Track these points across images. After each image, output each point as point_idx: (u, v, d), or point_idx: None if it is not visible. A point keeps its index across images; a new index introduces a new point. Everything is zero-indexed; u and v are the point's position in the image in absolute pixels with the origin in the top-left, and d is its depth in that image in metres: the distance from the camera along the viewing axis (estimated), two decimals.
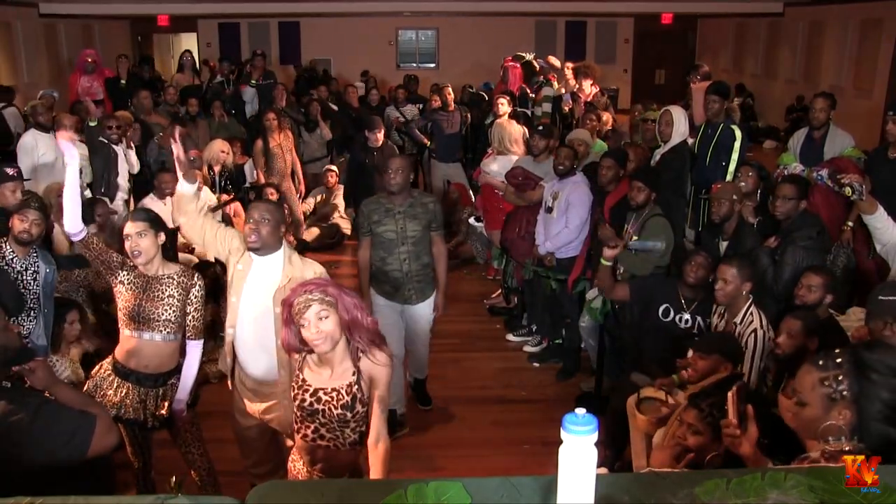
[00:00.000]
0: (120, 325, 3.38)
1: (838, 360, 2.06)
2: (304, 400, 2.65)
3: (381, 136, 7.08)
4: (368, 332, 2.61)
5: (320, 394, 2.62)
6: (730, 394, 2.37)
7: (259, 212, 3.30)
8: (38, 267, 3.86)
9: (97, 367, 3.48)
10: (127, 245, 3.26)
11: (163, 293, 3.30)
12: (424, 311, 4.60)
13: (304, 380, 2.67)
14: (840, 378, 2.03)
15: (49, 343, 3.86)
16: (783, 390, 2.26)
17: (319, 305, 2.51)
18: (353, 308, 2.56)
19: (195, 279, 3.40)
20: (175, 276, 3.35)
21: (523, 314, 6.18)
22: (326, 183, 8.54)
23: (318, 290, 2.55)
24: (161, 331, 3.32)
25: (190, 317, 3.38)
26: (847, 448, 1.99)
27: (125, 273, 3.33)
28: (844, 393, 2.01)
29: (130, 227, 3.25)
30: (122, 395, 3.32)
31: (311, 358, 2.67)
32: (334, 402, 2.61)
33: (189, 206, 3.42)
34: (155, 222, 3.33)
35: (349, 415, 2.62)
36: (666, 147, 5.30)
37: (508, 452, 4.41)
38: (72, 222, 3.37)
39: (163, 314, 3.30)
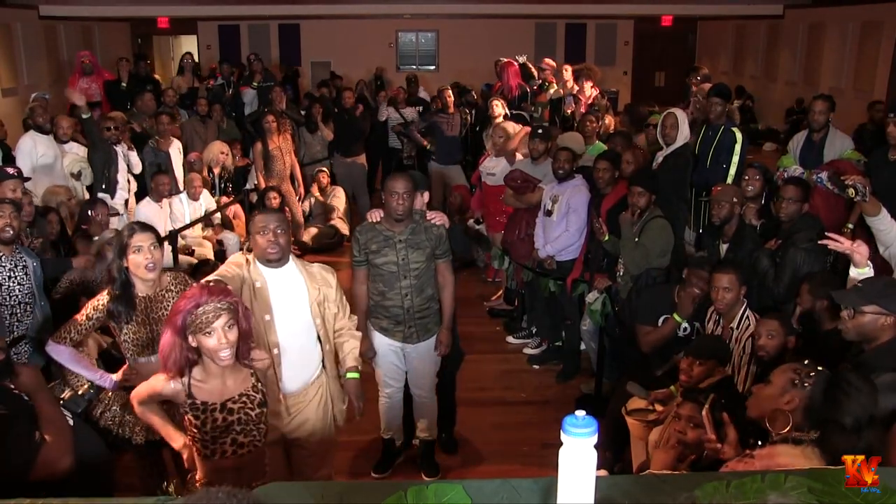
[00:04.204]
0: (128, 357, 3.29)
1: (819, 367, 2.31)
2: (213, 420, 2.54)
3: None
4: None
5: (229, 405, 2.56)
6: (703, 412, 2.47)
7: (274, 222, 3.17)
8: (25, 262, 3.89)
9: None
10: (138, 257, 3.16)
11: (166, 310, 3.22)
12: (427, 351, 4.05)
13: (202, 402, 2.53)
14: (811, 374, 2.28)
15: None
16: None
17: (228, 315, 2.43)
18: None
19: (189, 280, 3.38)
20: (172, 288, 3.29)
21: (523, 316, 6.18)
22: (319, 184, 8.52)
23: (226, 298, 2.47)
24: None
25: None
26: (793, 436, 2.19)
27: (125, 321, 3.22)
28: (806, 385, 2.25)
29: (143, 239, 3.17)
30: None
31: (194, 377, 2.54)
32: (249, 405, 2.58)
33: None
34: (160, 238, 3.30)
35: (265, 410, 2.63)
36: (669, 149, 5.30)
37: (508, 454, 4.41)
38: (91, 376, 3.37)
39: None
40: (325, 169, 8.57)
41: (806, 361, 2.34)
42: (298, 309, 3.22)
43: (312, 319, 3.24)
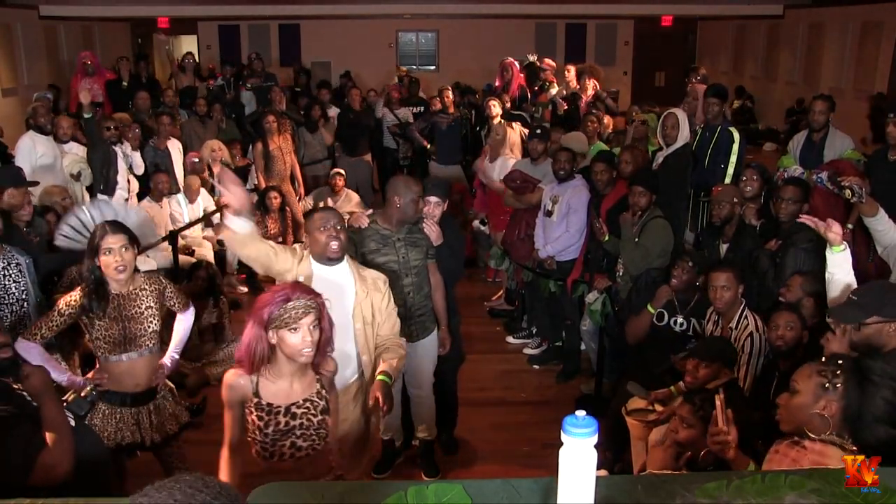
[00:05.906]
0: (99, 355, 3.26)
1: (839, 361, 2.23)
2: (277, 423, 2.51)
3: None
4: (327, 346, 2.56)
5: (293, 409, 2.53)
6: (717, 402, 2.43)
7: (334, 218, 3.16)
8: (18, 259, 3.90)
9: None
10: (108, 258, 3.13)
11: (140, 307, 3.23)
12: (426, 349, 4.04)
13: (268, 404, 2.51)
14: (837, 373, 2.19)
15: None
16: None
17: (315, 314, 2.42)
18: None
19: (162, 280, 3.40)
20: (147, 287, 3.28)
21: (523, 316, 6.18)
22: (334, 187, 8.39)
23: (314, 297, 2.44)
24: (147, 344, 3.25)
25: (173, 303, 3.41)
26: (837, 441, 2.11)
27: (98, 317, 3.18)
28: (838, 385, 2.16)
29: (113, 240, 3.13)
30: (117, 421, 3.26)
31: (264, 376, 2.52)
32: (312, 411, 2.55)
33: (252, 243, 3.10)
34: (133, 237, 3.25)
35: (328, 417, 2.59)
36: (669, 150, 5.30)
37: (508, 454, 4.41)
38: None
39: (148, 327, 3.24)
40: (342, 171, 8.16)
41: (823, 359, 2.27)
42: (340, 309, 3.14)
43: (353, 322, 3.19)
